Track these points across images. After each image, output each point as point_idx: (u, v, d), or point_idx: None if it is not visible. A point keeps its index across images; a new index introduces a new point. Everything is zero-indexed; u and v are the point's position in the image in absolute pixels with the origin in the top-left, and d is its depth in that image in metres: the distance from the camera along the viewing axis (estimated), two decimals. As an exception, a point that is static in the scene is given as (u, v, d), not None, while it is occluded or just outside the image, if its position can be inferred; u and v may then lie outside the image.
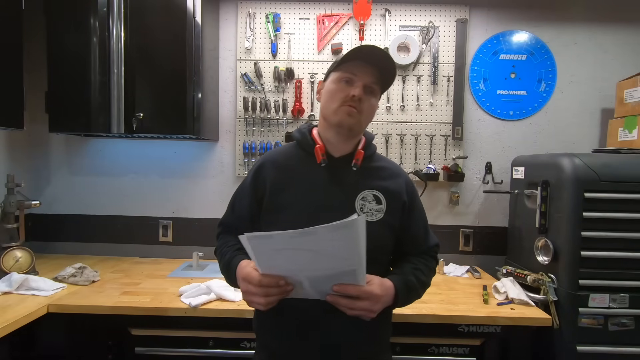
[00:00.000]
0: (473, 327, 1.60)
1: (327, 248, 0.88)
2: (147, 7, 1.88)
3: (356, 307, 0.96)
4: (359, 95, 1.04)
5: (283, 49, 2.24)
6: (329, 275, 0.93)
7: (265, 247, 0.90)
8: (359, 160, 1.10)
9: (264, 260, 0.94)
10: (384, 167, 1.16)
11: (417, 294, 1.12)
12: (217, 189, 2.32)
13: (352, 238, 0.86)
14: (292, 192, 1.09)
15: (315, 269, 0.93)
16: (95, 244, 2.31)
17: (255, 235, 0.88)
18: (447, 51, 2.24)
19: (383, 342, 1.19)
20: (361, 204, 1.08)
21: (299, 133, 1.17)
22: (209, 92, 2.11)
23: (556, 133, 2.29)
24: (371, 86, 1.07)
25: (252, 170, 1.17)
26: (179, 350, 1.60)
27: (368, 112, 1.09)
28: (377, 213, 1.08)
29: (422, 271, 1.13)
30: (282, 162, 1.14)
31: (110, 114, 1.90)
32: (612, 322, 1.61)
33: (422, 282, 1.12)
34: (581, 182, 1.61)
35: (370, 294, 0.96)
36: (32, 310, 1.47)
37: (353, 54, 1.05)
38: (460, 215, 2.32)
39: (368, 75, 1.06)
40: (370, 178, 1.11)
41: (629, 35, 2.26)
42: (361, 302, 0.96)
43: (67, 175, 2.33)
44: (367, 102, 1.07)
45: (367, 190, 1.09)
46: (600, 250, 1.61)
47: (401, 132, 2.26)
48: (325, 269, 0.92)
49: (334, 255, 0.89)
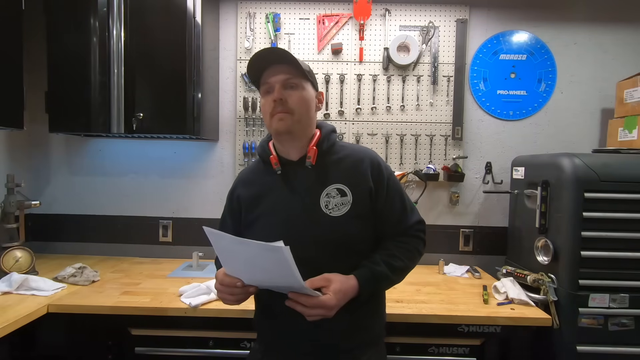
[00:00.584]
0: (473, 327, 1.59)
1: (262, 262, 0.95)
2: (147, 7, 1.88)
3: (312, 314, 1.00)
4: (277, 96, 1.07)
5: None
6: (279, 285, 1.00)
7: (220, 245, 0.99)
8: (312, 159, 1.11)
9: (223, 258, 1.03)
10: (345, 157, 1.15)
11: (391, 280, 1.12)
12: (217, 189, 2.32)
13: (280, 261, 0.90)
14: (262, 204, 1.15)
15: (265, 274, 0.99)
16: (95, 244, 2.31)
17: (211, 231, 0.96)
18: (447, 51, 2.24)
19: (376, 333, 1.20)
20: (326, 201, 1.09)
21: (260, 147, 1.22)
22: (209, 92, 2.11)
23: (556, 133, 2.29)
24: (288, 82, 1.09)
25: (228, 194, 1.26)
26: (179, 350, 1.60)
27: (300, 104, 1.09)
28: (343, 206, 1.09)
29: (395, 256, 1.12)
30: (250, 179, 1.22)
31: (110, 114, 1.90)
32: (612, 322, 1.61)
33: (396, 268, 1.11)
34: (581, 182, 1.61)
35: (321, 304, 0.98)
36: (32, 310, 1.47)
37: (254, 65, 1.10)
38: (460, 215, 2.32)
39: (278, 75, 1.09)
40: (331, 172, 1.12)
41: (629, 35, 2.26)
42: (314, 309, 0.99)
43: (67, 175, 2.33)
44: (294, 96, 1.09)
45: (330, 186, 1.10)
46: (600, 250, 1.61)
47: (401, 132, 2.26)
48: (272, 277, 0.98)
49: (270, 269, 0.95)
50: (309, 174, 1.12)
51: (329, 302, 0.99)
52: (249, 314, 1.55)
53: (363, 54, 2.23)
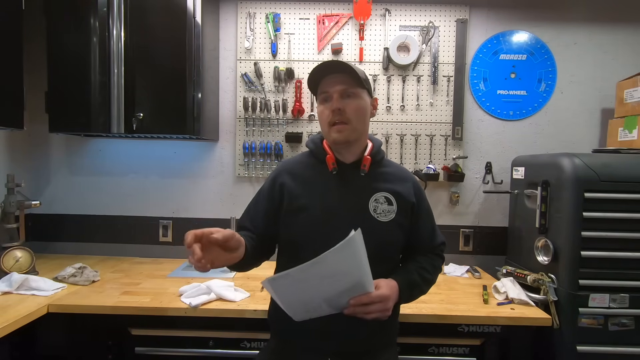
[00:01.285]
0: (473, 327, 1.60)
1: (336, 269, 0.95)
2: (147, 7, 1.88)
3: (372, 311, 1.03)
4: (337, 106, 1.11)
5: (283, 49, 2.25)
6: (342, 292, 1.00)
7: (284, 285, 0.98)
8: (366, 167, 1.18)
9: (285, 297, 1.01)
10: (393, 172, 1.24)
11: (421, 290, 1.21)
12: (217, 189, 2.32)
13: (355, 253, 0.94)
14: (308, 197, 1.16)
15: (329, 291, 1.00)
16: (95, 244, 2.31)
17: (274, 278, 0.95)
18: (447, 51, 2.24)
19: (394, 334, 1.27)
20: (374, 206, 1.16)
21: (313, 144, 1.25)
22: (209, 92, 2.11)
23: (556, 133, 2.29)
24: (347, 91, 1.12)
25: (269, 180, 1.25)
26: (179, 350, 1.60)
27: (357, 114, 1.14)
28: (389, 213, 1.16)
29: (426, 269, 1.21)
30: (298, 171, 1.22)
31: (110, 114, 1.90)
32: (612, 322, 1.61)
33: (426, 280, 1.21)
34: (581, 182, 1.61)
35: (381, 296, 1.04)
36: (32, 310, 1.47)
37: (316, 74, 1.14)
38: (460, 215, 2.32)
39: (339, 85, 1.12)
40: (381, 182, 1.19)
41: (629, 36, 2.26)
42: (374, 305, 1.03)
43: (67, 175, 2.33)
44: (351, 105, 1.13)
45: (379, 193, 1.17)
46: (600, 250, 1.61)
47: (401, 132, 2.26)
48: (337, 288, 0.99)
49: (343, 273, 0.97)
50: (360, 178, 1.18)
51: (385, 292, 1.05)
52: (249, 313, 1.56)
53: (363, 54, 2.23)
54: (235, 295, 1.64)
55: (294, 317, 1.06)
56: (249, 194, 2.30)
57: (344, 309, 1.03)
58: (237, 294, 1.66)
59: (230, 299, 1.62)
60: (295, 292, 1.00)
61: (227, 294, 1.63)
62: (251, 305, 1.59)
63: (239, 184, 2.32)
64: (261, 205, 1.23)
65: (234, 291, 1.67)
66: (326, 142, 1.22)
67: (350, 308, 1.02)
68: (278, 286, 0.98)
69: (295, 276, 0.94)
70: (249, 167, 2.28)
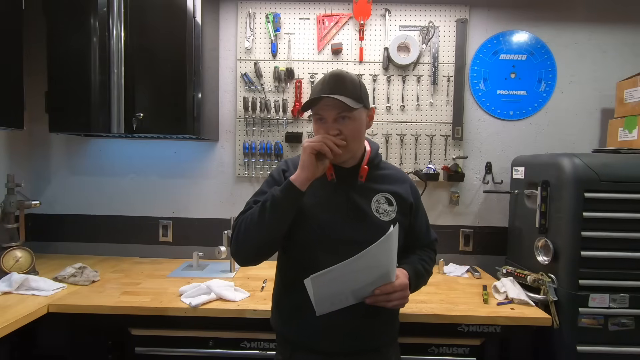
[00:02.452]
0: (473, 327, 1.60)
1: (372, 263, 1.03)
2: (147, 7, 1.88)
3: (393, 299, 1.09)
4: (333, 133, 1.12)
5: (283, 49, 2.25)
6: (370, 283, 1.07)
7: (325, 282, 1.02)
8: (363, 177, 1.21)
9: (320, 292, 1.04)
10: (391, 174, 1.28)
11: (424, 280, 1.29)
12: (217, 189, 2.32)
13: (390, 247, 1.02)
14: (314, 195, 1.17)
15: (359, 283, 1.06)
16: (95, 244, 2.31)
17: (317, 275, 1.00)
18: (447, 51, 2.24)
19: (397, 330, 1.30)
20: (376, 206, 1.20)
21: None
22: (209, 92, 2.11)
23: (556, 133, 2.29)
24: (340, 116, 1.12)
25: (279, 169, 1.26)
26: (179, 350, 1.60)
27: (353, 135, 1.15)
28: (391, 213, 1.21)
29: (426, 261, 1.30)
30: None
31: (110, 114, 1.90)
32: (612, 322, 1.61)
33: (427, 271, 1.29)
34: (581, 182, 1.61)
35: (402, 285, 1.11)
36: (32, 310, 1.47)
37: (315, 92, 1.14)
38: (460, 215, 2.32)
39: (332, 110, 1.12)
40: (380, 183, 1.24)
41: (629, 36, 2.26)
42: (396, 293, 1.09)
43: (67, 175, 2.33)
44: (348, 127, 1.13)
45: (380, 194, 1.22)
46: (600, 250, 1.61)
47: (401, 132, 2.26)
48: (367, 280, 1.06)
49: (376, 266, 1.04)
50: (353, 182, 1.21)
51: (405, 281, 1.12)
52: (249, 313, 1.56)
53: (363, 54, 2.23)
54: (235, 295, 1.64)
55: (317, 311, 1.08)
56: (249, 194, 2.26)
57: (366, 299, 1.08)
58: (237, 294, 1.66)
59: (230, 299, 1.62)
60: (331, 287, 1.04)
61: (227, 294, 1.63)
62: (251, 305, 1.59)
63: (239, 184, 2.32)
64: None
65: (234, 291, 1.67)
66: None
67: (372, 298, 1.08)
68: (319, 283, 1.02)
69: (338, 271, 1.00)
70: (249, 167, 2.28)
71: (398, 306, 1.13)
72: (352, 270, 1.01)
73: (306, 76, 2.24)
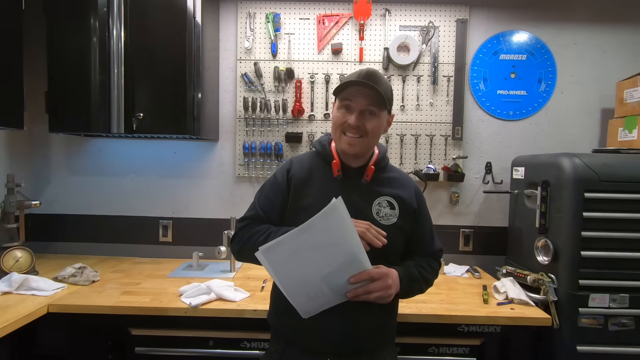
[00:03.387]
0: (473, 327, 1.60)
1: (325, 238, 0.99)
2: (147, 7, 1.88)
3: (373, 289, 1.06)
4: (354, 124, 1.13)
5: (283, 49, 2.25)
6: (339, 268, 1.03)
7: (278, 255, 1.00)
8: (369, 177, 1.20)
9: (282, 270, 1.03)
10: (396, 178, 1.27)
11: (419, 287, 1.22)
12: (217, 189, 2.32)
13: (339, 221, 0.98)
14: (312, 196, 1.18)
15: (325, 265, 1.02)
16: (95, 244, 2.31)
17: (267, 247, 0.98)
18: (447, 51, 2.24)
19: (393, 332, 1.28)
20: (377, 209, 1.19)
21: (320, 145, 1.27)
22: (209, 92, 2.11)
23: (556, 133, 2.29)
24: (369, 109, 1.14)
25: (283, 169, 1.26)
26: (179, 350, 1.60)
27: (373, 132, 1.16)
28: (392, 217, 1.19)
29: (424, 268, 1.23)
30: (306, 167, 1.24)
31: (110, 114, 1.90)
32: (612, 322, 1.61)
33: (425, 278, 1.22)
34: (581, 182, 1.61)
35: (380, 272, 1.08)
36: (32, 310, 1.47)
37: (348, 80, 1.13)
38: (460, 215, 2.32)
39: (363, 99, 1.13)
40: (384, 186, 1.22)
41: (629, 36, 2.26)
42: (375, 282, 1.06)
43: (67, 175, 2.33)
44: (371, 124, 1.14)
45: (382, 197, 1.20)
46: (600, 250, 1.61)
47: (401, 132, 2.26)
48: (333, 262, 1.02)
49: (334, 243, 1.00)
50: (364, 183, 1.21)
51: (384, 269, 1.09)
52: (249, 313, 1.56)
53: (363, 54, 2.23)
54: (235, 295, 1.64)
55: (301, 312, 1.07)
56: (249, 194, 2.31)
57: (347, 294, 1.05)
58: (237, 294, 1.66)
59: (230, 299, 1.62)
60: (291, 268, 1.01)
61: (227, 294, 1.63)
62: (251, 305, 1.59)
63: (239, 184, 2.32)
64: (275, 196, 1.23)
65: (234, 291, 1.67)
66: (334, 145, 1.24)
67: (352, 291, 1.05)
68: (272, 256, 0.99)
69: (287, 243, 0.97)
70: (249, 167, 2.28)
71: (382, 299, 1.08)
72: (305, 246, 0.98)
73: (306, 76, 2.24)
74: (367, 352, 1.18)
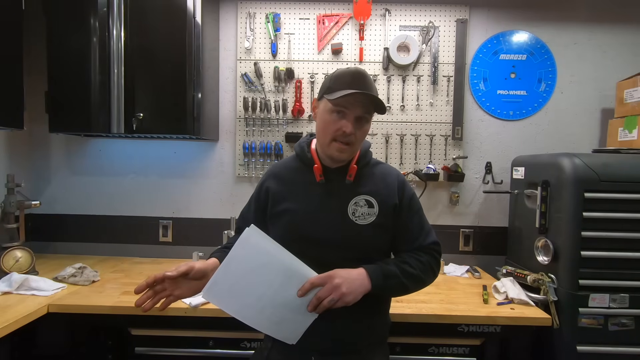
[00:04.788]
0: (473, 327, 1.60)
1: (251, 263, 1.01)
2: (147, 7, 1.88)
3: (321, 295, 1.03)
4: (350, 132, 1.09)
5: (283, 49, 2.25)
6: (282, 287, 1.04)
7: (220, 292, 1.03)
8: (352, 176, 1.17)
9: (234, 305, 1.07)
10: (378, 173, 1.23)
11: (400, 283, 1.13)
12: (217, 189, 2.32)
13: (257, 244, 1.01)
14: (290, 201, 1.18)
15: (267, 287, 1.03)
16: (95, 244, 2.31)
17: (206, 289, 1.01)
18: (447, 51, 2.24)
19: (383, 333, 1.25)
20: (353, 209, 1.16)
21: (299, 147, 1.25)
22: (209, 92, 2.11)
23: (556, 133, 2.29)
24: (363, 116, 1.12)
25: (258, 184, 1.31)
26: (179, 350, 1.60)
27: (361, 138, 1.15)
28: (369, 216, 1.15)
29: (408, 264, 1.15)
30: (284, 175, 1.25)
31: (110, 114, 1.90)
32: (612, 322, 1.61)
33: (408, 273, 1.13)
34: (581, 182, 1.61)
35: (322, 277, 1.04)
36: (32, 310, 1.47)
37: (344, 84, 1.08)
38: (460, 215, 2.32)
39: (360, 108, 1.10)
40: (363, 184, 1.19)
41: (629, 35, 2.26)
42: (322, 288, 1.04)
43: (67, 175, 2.33)
44: (360, 131, 1.13)
45: (360, 196, 1.16)
46: (600, 250, 1.61)
47: (401, 132, 2.26)
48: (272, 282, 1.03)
49: (260, 264, 1.02)
50: (344, 183, 1.18)
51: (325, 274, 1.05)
52: (249, 314, 1.55)
53: (363, 54, 2.23)
54: (235, 295, 1.64)
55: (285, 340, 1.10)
56: (249, 194, 2.26)
57: (307, 308, 1.05)
58: (237, 294, 1.66)
59: (230, 299, 1.61)
60: (241, 301, 1.04)
61: (227, 294, 1.62)
62: (251, 305, 1.59)
63: (239, 184, 2.32)
64: (253, 209, 1.29)
65: (234, 291, 1.67)
66: (314, 147, 1.22)
67: (309, 304, 1.04)
68: (218, 296, 1.03)
69: (221, 280, 1.00)
70: (249, 167, 2.28)
71: (340, 301, 1.03)
72: (238, 277, 1.01)
73: (306, 76, 2.24)
74: (353, 352, 1.16)
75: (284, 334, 1.10)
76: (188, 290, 1.08)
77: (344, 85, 1.08)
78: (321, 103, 1.15)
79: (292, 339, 1.10)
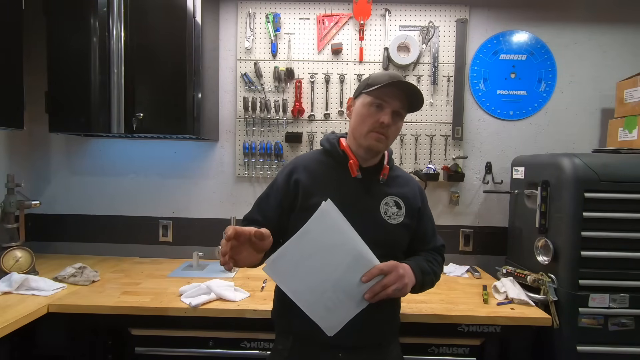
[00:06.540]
0: (473, 327, 1.60)
1: (324, 240, 0.98)
2: (147, 7, 1.88)
3: (388, 282, 1.05)
4: (388, 122, 1.14)
5: (283, 49, 2.25)
6: (348, 270, 1.01)
7: (285, 266, 0.99)
8: (386, 175, 1.23)
9: (292, 282, 1.02)
10: (401, 176, 1.30)
11: (431, 280, 1.23)
12: (217, 189, 2.32)
13: (334, 221, 0.98)
14: (325, 194, 1.15)
15: (332, 269, 1.01)
16: (95, 244, 2.31)
17: (272, 260, 0.97)
18: (447, 51, 2.24)
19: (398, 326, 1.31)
20: (385, 208, 1.21)
21: (329, 143, 1.27)
22: (209, 92, 2.11)
23: (556, 133, 2.29)
24: (399, 111, 1.16)
25: (284, 173, 1.24)
26: (179, 350, 1.60)
27: (394, 134, 1.20)
28: (398, 217, 1.21)
29: (431, 262, 1.26)
30: (314, 168, 1.24)
31: (110, 114, 1.90)
32: (612, 322, 1.61)
33: (434, 271, 1.25)
34: (581, 182, 1.61)
35: (390, 265, 1.07)
36: (32, 310, 1.47)
37: (384, 78, 1.14)
38: (460, 215, 2.32)
39: (397, 101, 1.15)
40: (391, 186, 1.24)
41: (629, 35, 2.26)
42: (389, 276, 1.06)
43: (67, 175, 2.33)
44: (395, 126, 1.17)
45: (389, 197, 1.22)
46: (600, 250, 1.61)
47: (401, 132, 2.26)
48: (340, 264, 1.01)
49: (334, 244, 1.00)
50: (375, 182, 1.22)
51: (394, 262, 1.08)
52: (249, 313, 1.56)
53: (363, 54, 2.23)
54: (235, 295, 1.64)
55: (326, 329, 1.06)
56: (249, 194, 2.31)
57: (365, 295, 1.04)
58: (237, 294, 1.66)
59: (230, 299, 1.62)
60: (301, 278, 1.00)
61: (227, 294, 1.63)
62: (251, 305, 1.59)
63: (239, 184, 2.32)
64: (274, 199, 1.23)
65: (234, 291, 1.67)
66: (345, 144, 1.24)
67: (369, 290, 1.04)
68: (281, 270, 0.99)
69: (290, 252, 0.97)
70: (249, 167, 2.28)
71: (399, 291, 1.07)
72: (308, 253, 0.97)
73: (306, 76, 2.24)
74: (376, 345, 1.21)
75: (329, 323, 1.06)
76: (247, 257, 1.02)
77: (383, 81, 1.13)
78: (358, 100, 1.20)
79: (334, 329, 1.07)
